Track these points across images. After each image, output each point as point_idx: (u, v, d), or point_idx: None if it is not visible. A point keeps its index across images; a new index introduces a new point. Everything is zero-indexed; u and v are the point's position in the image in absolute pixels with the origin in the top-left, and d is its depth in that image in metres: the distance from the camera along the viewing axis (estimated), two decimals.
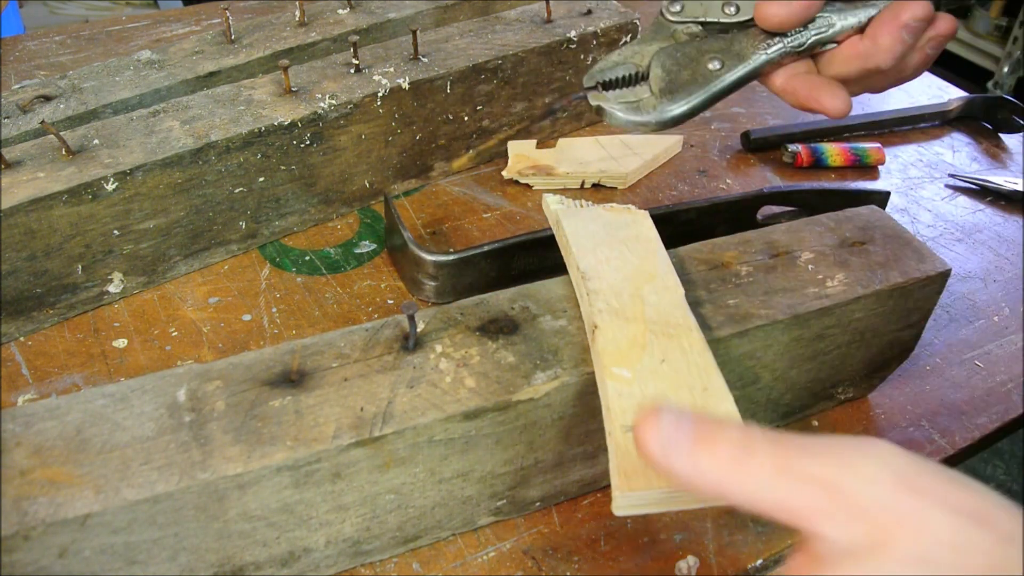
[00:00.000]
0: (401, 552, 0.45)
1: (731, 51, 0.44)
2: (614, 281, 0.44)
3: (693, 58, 0.44)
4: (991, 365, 0.60)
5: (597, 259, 0.46)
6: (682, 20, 0.45)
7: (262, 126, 0.59)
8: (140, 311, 0.59)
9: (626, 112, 0.44)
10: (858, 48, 0.43)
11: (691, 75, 0.43)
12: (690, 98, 0.43)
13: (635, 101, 0.44)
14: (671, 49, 0.44)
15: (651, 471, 0.33)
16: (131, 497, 0.35)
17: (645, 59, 0.44)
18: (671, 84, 0.43)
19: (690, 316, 0.42)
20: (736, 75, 0.43)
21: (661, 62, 0.44)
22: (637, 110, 0.44)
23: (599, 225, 0.48)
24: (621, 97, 0.44)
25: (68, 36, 0.89)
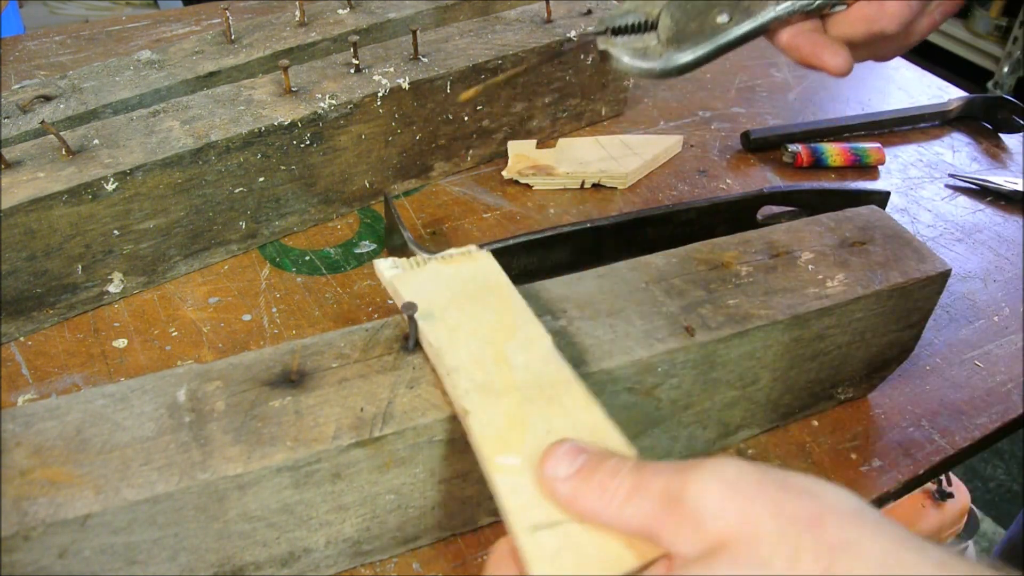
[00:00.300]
0: (401, 552, 0.45)
1: (740, 5, 0.44)
2: (473, 349, 0.40)
3: (702, 10, 0.44)
4: (991, 365, 0.60)
5: (448, 327, 0.42)
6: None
7: (262, 126, 0.59)
8: (140, 311, 0.59)
9: (632, 57, 0.44)
10: (865, 11, 0.43)
11: (699, 26, 0.44)
12: (696, 48, 0.43)
13: (642, 48, 0.44)
14: (681, 1, 0.44)
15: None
16: (131, 497, 0.35)
17: (656, 9, 0.45)
18: (679, 34, 0.44)
19: (564, 366, 0.40)
20: (743, 29, 0.43)
21: (671, 12, 0.44)
22: (643, 56, 0.44)
23: (441, 284, 0.45)
24: (628, 43, 0.45)
25: (68, 36, 0.89)
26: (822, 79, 0.94)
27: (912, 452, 0.53)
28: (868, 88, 0.94)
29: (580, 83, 0.78)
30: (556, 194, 0.73)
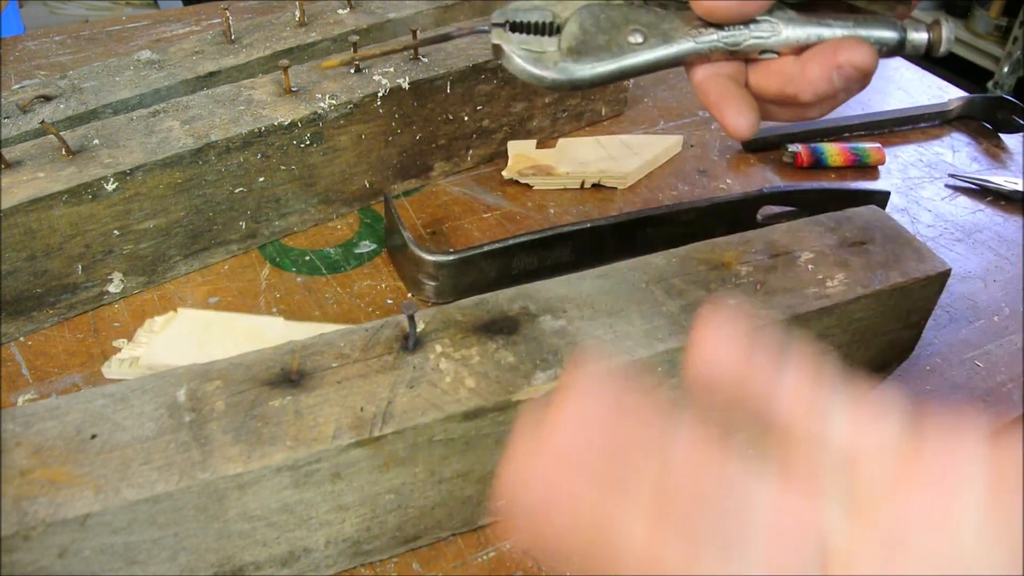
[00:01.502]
0: (401, 552, 0.45)
1: (659, 28, 0.39)
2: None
3: (616, 24, 0.40)
4: (991, 365, 0.60)
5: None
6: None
7: (262, 126, 0.59)
8: (140, 311, 0.59)
9: (525, 60, 0.40)
10: (785, 67, 0.39)
11: (607, 41, 0.39)
12: (596, 64, 0.39)
13: (539, 52, 0.40)
14: (596, 8, 0.40)
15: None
16: (131, 497, 0.35)
17: (566, 11, 0.40)
18: (583, 45, 0.39)
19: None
20: (655, 55, 0.39)
21: (581, 19, 0.40)
22: (537, 61, 0.39)
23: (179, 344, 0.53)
24: (525, 43, 0.40)
25: (68, 36, 0.89)
26: None
27: None
28: (868, 88, 0.93)
29: None
30: (556, 194, 0.73)
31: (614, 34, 0.40)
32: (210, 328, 0.55)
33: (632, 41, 0.39)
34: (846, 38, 0.38)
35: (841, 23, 0.39)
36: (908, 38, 0.39)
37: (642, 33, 0.39)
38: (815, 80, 0.38)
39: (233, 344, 0.54)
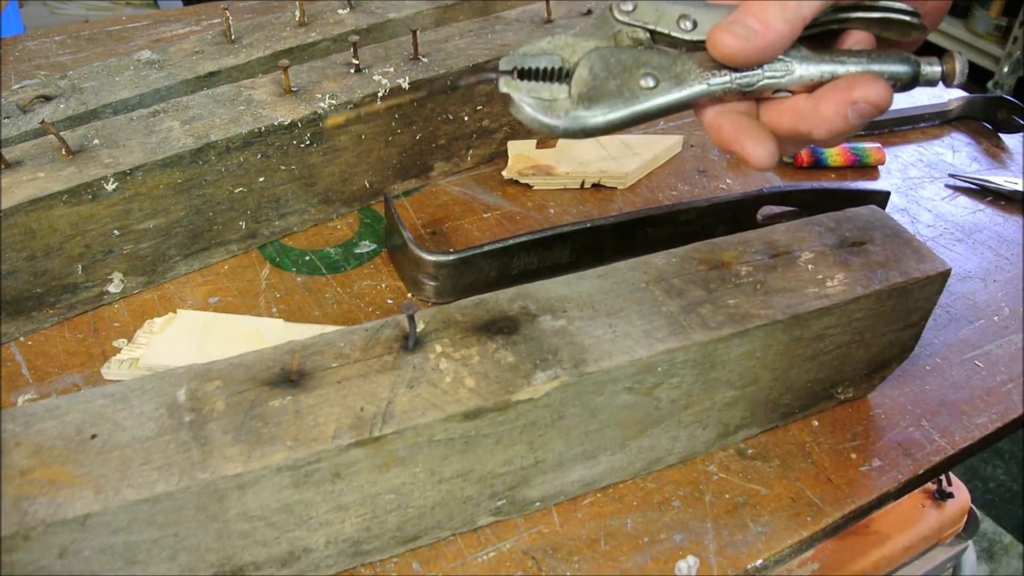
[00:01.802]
0: (401, 552, 0.45)
1: (671, 71, 0.39)
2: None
3: (627, 68, 0.39)
4: (991, 365, 0.60)
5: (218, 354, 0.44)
6: (631, 22, 0.40)
7: (262, 126, 0.59)
8: (140, 311, 0.59)
9: (535, 109, 0.39)
10: (798, 104, 0.39)
11: (618, 87, 0.38)
12: (609, 112, 0.38)
13: (549, 100, 0.39)
14: (606, 52, 0.39)
15: None
16: (131, 497, 0.35)
17: (575, 55, 0.39)
18: (594, 91, 0.38)
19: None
20: (668, 99, 0.39)
21: (591, 64, 0.39)
22: (548, 110, 0.38)
23: (178, 345, 0.54)
24: (535, 91, 0.39)
25: (68, 36, 0.89)
26: None
27: (912, 452, 0.53)
28: None
29: None
30: (556, 194, 0.73)
31: (625, 78, 0.39)
32: (209, 329, 0.55)
33: (644, 85, 0.38)
34: (860, 74, 0.38)
35: (854, 59, 0.38)
36: (922, 72, 0.39)
37: (654, 77, 0.39)
38: (830, 117, 0.38)
39: (232, 346, 0.54)
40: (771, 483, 0.51)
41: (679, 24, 0.39)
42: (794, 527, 0.48)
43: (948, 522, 0.90)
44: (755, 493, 0.50)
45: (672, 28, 0.39)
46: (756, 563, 0.47)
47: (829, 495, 0.50)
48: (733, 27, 0.37)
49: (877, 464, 0.52)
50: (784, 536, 0.48)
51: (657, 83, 0.38)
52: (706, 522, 0.48)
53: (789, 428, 0.54)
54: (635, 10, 0.40)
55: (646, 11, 0.40)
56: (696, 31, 0.39)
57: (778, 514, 0.49)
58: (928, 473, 0.53)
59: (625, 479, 0.50)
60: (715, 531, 0.48)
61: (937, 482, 0.88)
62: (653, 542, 0.47)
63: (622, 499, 0.49)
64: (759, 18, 0.37)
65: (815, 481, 0.51)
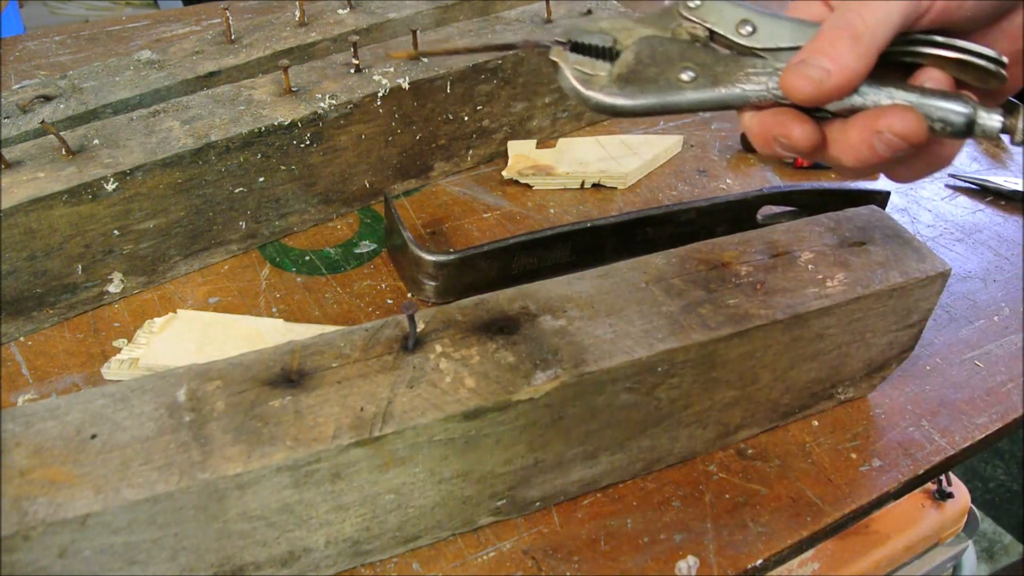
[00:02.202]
0: (401, 552, 0.45)
1: (712, 70, 0.39)
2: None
3: (670, 59, 0.39)
4: (991, 365, 0.60)
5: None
6: (692, 19, 0.40)
7: (262, 126, 0.59)
8: (140, 311, 0.59)
9: (575, 79, 0.40)
10: (831, 129, 0.38)
11: (656, 74, 0.39)
12: (639, 97, 0.39)
13: (589, 74, 0.40)
14: (656, 41, 0.40)
15: None
16: (131, 497, 0.35)
17: (627, 39, 0.40)
18: (632, 75, 0.39)
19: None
20: (699, 96, 0.39)
21: (638, 49, 0.40)
22: (586, 83, 0.40)
23: (179, 344, 0.54)
24: (580, 64, 0.40)
25: (68, 36, 0.89)
26: None
27: (912, 452, 0.53)
28: None
29: None
30: (556, 194, 0.73)
31: (665, 68, 0.39)
32: (209, 330, 0.55)
33: (682, 78, 0.39)
34: (892, 105, 0.36)
35: (904, 92, 0.36)
36: (978, 120, 0.36)
37: (693, 72, 0.39)
38: (856, 145, 0.37)
39: (232, 346, 0.54)
40: (771, 483, 0.51)
41: (738, 28, 0.39)
42: (794, 527, 0.48)
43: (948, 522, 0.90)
44: (755, 493, 0.50)
45: (730, 31, 0.39)
46: (756, 563, 0.47)
47: (829, 495, 0.50)
48: (804, 68, 0.36)
49: (877, 464, 0.52)
50: (784, 536, 0.48)
51: (694, 79, 0.39)
52: (706, 522, 0.48)
53: (789, 428, 0.54)
54: (699, 7, 0.40)
55: (709, 10, 0.40)
56: (753, 37, 0.39)
57: (778, 514, 0.49)
58: (928, 473, 0.53)
59: (625, 479, 0.50)
60: (715, 531, 0.48)
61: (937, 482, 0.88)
62: (653, 542, 0.47)
63: (622, 499, 0.49)
64: (831, 56, 0.35)
65: (815, 481, 0.51)
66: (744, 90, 0.38)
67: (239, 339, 0.54)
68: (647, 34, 0.40)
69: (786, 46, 0.38)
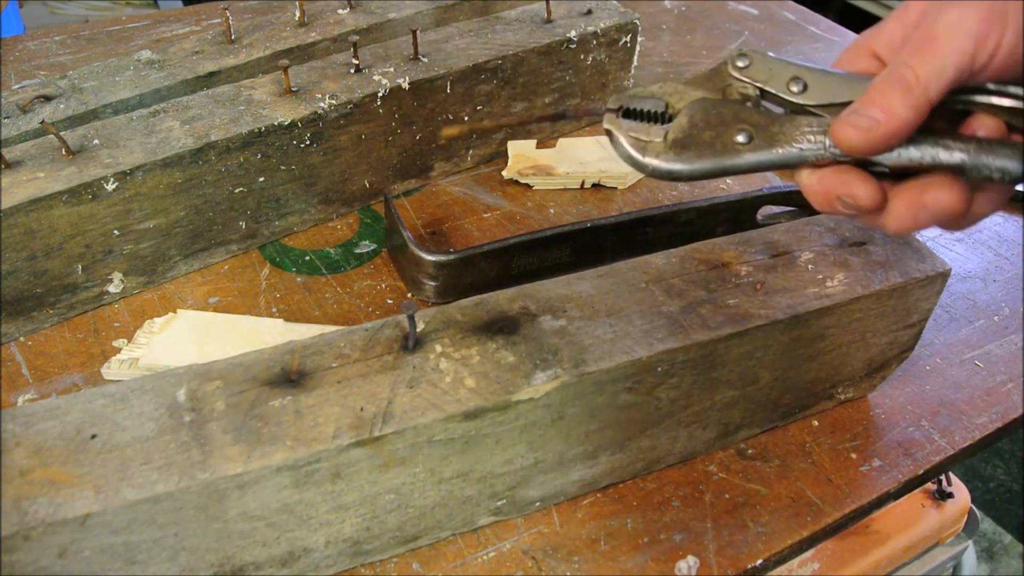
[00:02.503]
0: (401, 552, 0.45)
1: (767, 131, 0.38)
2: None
3: (725, 121, 0.39)
4: (991, 365, 0.60)
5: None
6: (742, 78, 0.40)
7: (262, 126, 0.59)
8: (140, 311, 0.59)
9: (630, 147, 0.39)
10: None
11: (712, 139, 0.38)
12: (696, 162, 0.38)
13: (645, 141, 0.39)
14: (710, 104, 0.39)
15: None
16: (131, 497, 0.35)
17: (680, 102, 0.40)
18: (687, 140, 0.39)
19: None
20: (757, 157, 0.38)
21: (691, 113, 0.39)
22: (641, 150, 0.39)
23: (179, 342, 0.54)
24: (634, 131, 0.40)
25: (68, 36, 0.89)
26: None
27: (912, 452, 0.53)
28: None
29: (580, 83, 0.78)
30: (556, 194, 0.73)
31: (720, 131, 0.39)
32: (209, 330, 0.55)
33: (738, 140, 0.38)
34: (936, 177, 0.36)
35: (961, 146, 0.36)
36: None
37: (748, 134, 0.38)
38: (900, 216, 0.36)
39: (232, 346, 0.54)
40: (771, 483, 0.51)
41: (789, 86, 0.39)
42: (794, 527, 0.48)
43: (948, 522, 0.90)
44: (755, 493, 0.50)
45: (781, 89, 0.39)
46: (756, 563, 0.47)
47: (829, 495, 0.50)
48: (854, 118, 0.35)
49: (877, 464, 0.52)
50: (784, 536, 0.48)
51: (750, 140, 0.38)
52: (706, 522, 0.48)
53: (789, 428, 0.54)
54: (749, 67, 0.40)
55: (759, 68, 0.40)
56: (805, 95, 0.38)
57: (778, 514, 0.49)
58: (928, 473, 0.53)
59: (625, 479, 0.50)
60: (715, 531, 0.48)
61: (937, 482, 0.88)
62: (653, 542, 0.47)
63: (622, 499, 0.49)
64: (881, 106, 0.35)
65: (815, 481, 0.51)
66: (801, 149, 0.38)
67: (239, 339, 0.54)
68: (698, 96, 0.40)
69: (839, 101, 0.37)
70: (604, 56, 0.77)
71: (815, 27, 1.07)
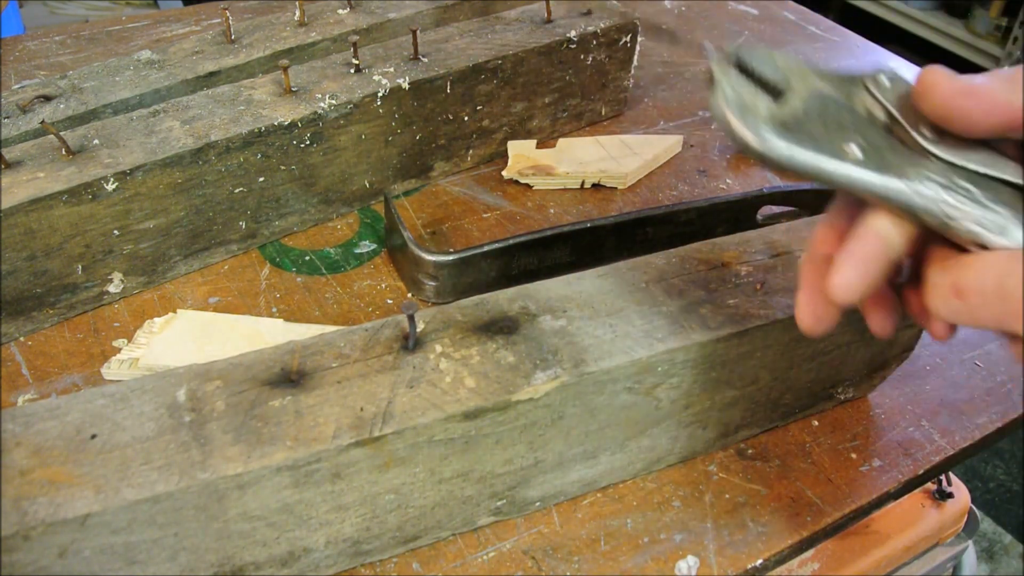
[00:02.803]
0: (401, 552, 0.45)
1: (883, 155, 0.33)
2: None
3: (842, 125, 0.34)
4: (991, 365, 0.60)
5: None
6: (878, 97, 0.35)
7: (262, 126, 0.59)
8: (140, 311, 0.59)
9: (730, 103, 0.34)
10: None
11: (820, 135, 0.33)
12: (797, 150, 0.33)
13: (750, 103, 0.34)
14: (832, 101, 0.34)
15: None
16: (131, 497, 0.35)
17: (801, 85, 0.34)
18: (795, 123, 0.33)
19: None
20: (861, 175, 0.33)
21: (809, 100, 0.34)
22: (743, 112, 0.33)
23: (178, 344, 0.54)
24: (743, 87, 0.34)
25: (68, 36, 0.89)
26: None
27: (912, 452, 0.53)
28: None
29: (580, 83, 0.78)
30: (556, 194, 0.73)
31: (833, 133, 0.34)
32: (209, 330, 0.55)
33: (847, 149, 0.33)
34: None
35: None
36: None
37: (862, 148, 0.33)
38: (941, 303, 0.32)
39: (232, 346, 0.54)
40: (771, 483, 0.51)
41: (920, 127, 0.34)
42: (794, 527, 0.48)
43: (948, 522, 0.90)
44: (755, 493, 0.50)
45: (912, 125, 0.34)
46: (756, 563, 0.47)
47: (829, 495, 0.50)
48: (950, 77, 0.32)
49: (877, 464, 0.52)
50: (784, 536, 0.48)
51: (863, 157, 0.33)
52: (706, 522, 0.48)
53: (789, 428, 0.54)
54: (889, 88, 0.35)
55: (899, 96, 0.35)
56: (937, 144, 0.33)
57: (778, 514, 0.49)
58: (928, 473, 0.53)
59: (625, 479, 0.50)
60: (715, 531, 0.48)
61: (937, 482, 0.88)
62: (653, 542, 0.47)
63: (622, 499, 0.49)
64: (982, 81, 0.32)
65: (815, 481, 0.51)
66: (914, 191, 0.32)
67: (239, 339, 0.54)
68: (823, 88, 0.35)
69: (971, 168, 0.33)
70: (604, 56, 0.77)
71: (815, 27, 1.07)
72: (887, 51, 1.02)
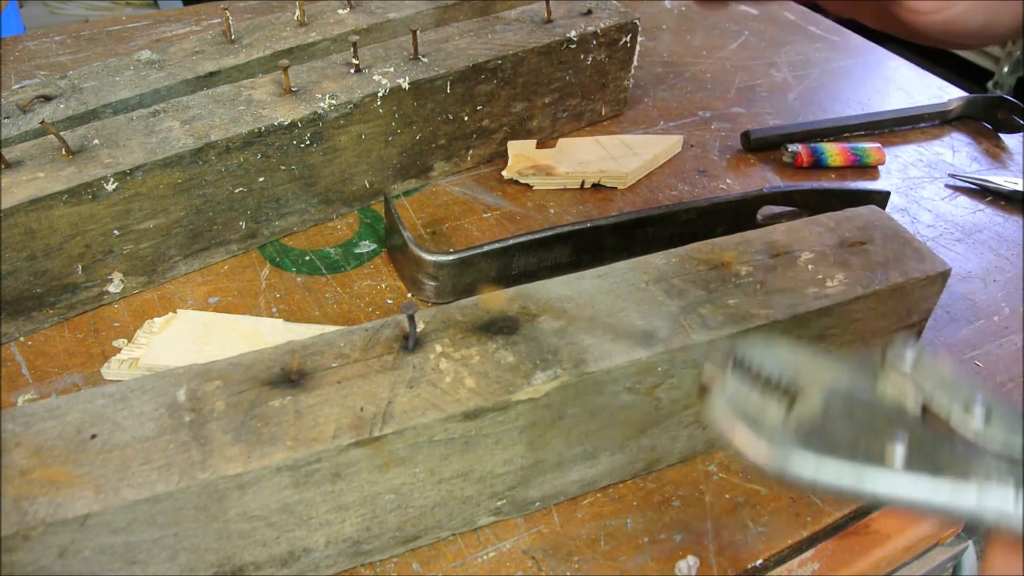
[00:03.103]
0: (401, 552, 0.45)
1: (932, 455, 0.27)
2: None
3: (875, 425, 0.28)
4: (991, 365, 0.60)
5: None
6: (908, 379, 0.29)
7: (262, 126, 0.59)
8: (140, 311, 0.59)
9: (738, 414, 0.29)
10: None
11: (852, 439, 0.28)
12: (825, 460, 0.27)
13: (759, 413, 0.29)
14: (856, 396, 0.29)
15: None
16: (131, 497, 0.35)
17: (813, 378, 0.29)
18: (820, 428, 0.28)
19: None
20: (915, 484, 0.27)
21: (830, 397, 0.29)
22: (752, 424, 0.28)
23: (180, 342, 0.54)
24: (744, 395, 0.29)
25: (68, 36, 0.89)
26: (822, 79, 0.94)
27: None
28: (868, 88, 0.94)
29: (580, 83, 0.78)
30: (556, 194, 0.73)
31: (866, 433, 0.28)
32: (209, 330, 0.55)
33: (891, 453, 0.27)
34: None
35: None
36: None
37: (906, 446, 0.27)
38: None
39: (232, 346, 0.54)
40: (771, 483, 0.51)
41: (967, 408, 0.28)
42: (794, 527, 0.48)
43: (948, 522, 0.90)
44: (755, 493, 0.50)
45: (954, 411, 0.29)
46: (756, 563, 0.47)
47: (829, 495, 0.50)
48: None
49: None
50: (784, 536, 0.48)
51: (907, 460, 0.27)
52: (706, 522, 0.48)
53: None
54: (916, 369, 0.30)
55: (928, 376, 0.29)
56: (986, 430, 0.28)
57: (778, 514, 0.49)
58: None
59: (625, 479, 0.50)
60: (715, 531, 0.48)
61: None
62: (653, 542, 0.47)
63: (622, 499, 0.49)
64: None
65: None
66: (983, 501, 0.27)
67: (239, 339, 0.54)
68: (840, 380, 0.30)
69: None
70: (604, 56, 0.77)
71: (815, 27, 1.07)
72: (887, 51, 1.02)
